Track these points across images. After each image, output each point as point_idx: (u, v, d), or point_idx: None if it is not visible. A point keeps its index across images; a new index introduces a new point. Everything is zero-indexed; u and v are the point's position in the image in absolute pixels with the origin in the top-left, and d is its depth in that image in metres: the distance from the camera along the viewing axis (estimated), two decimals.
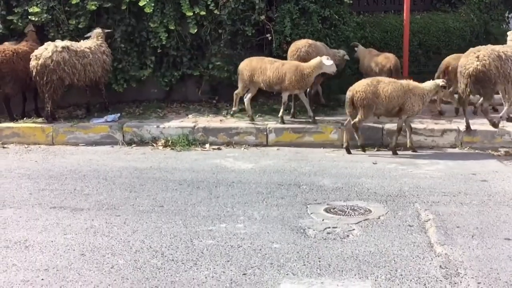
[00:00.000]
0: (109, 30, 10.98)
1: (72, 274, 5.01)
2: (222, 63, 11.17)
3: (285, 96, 9.86)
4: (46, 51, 9.96)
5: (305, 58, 9.90)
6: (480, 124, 9.62)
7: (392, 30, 12.34)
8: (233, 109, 10.35)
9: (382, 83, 8.79)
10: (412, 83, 8.92)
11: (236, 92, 10.20)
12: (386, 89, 8.71)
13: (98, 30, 10.78)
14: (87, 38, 10.77)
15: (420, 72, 12.31)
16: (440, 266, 5.07)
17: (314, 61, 9.55)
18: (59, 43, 10.12)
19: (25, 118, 10.57)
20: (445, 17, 13.10)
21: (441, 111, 10.44)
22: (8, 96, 10.44)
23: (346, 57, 10.83)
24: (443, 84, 8.88)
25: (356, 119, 8.88)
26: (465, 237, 5.70)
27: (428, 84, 8.93)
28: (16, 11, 11.19)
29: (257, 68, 9.81)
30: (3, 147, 9.80)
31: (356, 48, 11.22)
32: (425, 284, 4.75)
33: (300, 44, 10.16)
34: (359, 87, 8.79)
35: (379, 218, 6.26)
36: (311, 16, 11.08)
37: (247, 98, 10.11)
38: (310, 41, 10.28)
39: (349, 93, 8.88)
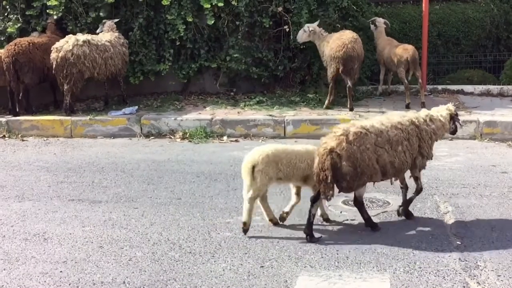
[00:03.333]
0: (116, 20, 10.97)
1: (90, 266, 5.03)
2: (240, 55, 11.15)
3: None
4: (67, 44, 10.00)
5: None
6: (500, 116, 9.52)
7: (411, 21, 12.24)
8: None
9: None
10: None
11: None
12: None
13: (110, 23, 10.76)
14: (100, 32, 10.76)
15: (439, 63, 12.20)
16: (459, 259, 5.03)
17: None
18: (81, 37, 10.14)
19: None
20: (465, 7, 12.96)
21: None
22: (27, 87, 10.49)
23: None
24: None
25: None
26: (485, 230, 5.65)
27: None
28: (34, 5, 11.24)
29: None
30: (22, 140, 9.87)
31: (375, 24, 11.08)
32: (444, 277, 4.71)
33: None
34: None
35: (397, 210, 6.22)
36: (328, 7, 11.02)
37: None
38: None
39: None
